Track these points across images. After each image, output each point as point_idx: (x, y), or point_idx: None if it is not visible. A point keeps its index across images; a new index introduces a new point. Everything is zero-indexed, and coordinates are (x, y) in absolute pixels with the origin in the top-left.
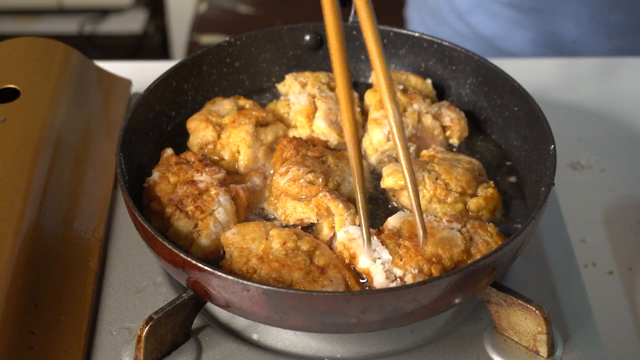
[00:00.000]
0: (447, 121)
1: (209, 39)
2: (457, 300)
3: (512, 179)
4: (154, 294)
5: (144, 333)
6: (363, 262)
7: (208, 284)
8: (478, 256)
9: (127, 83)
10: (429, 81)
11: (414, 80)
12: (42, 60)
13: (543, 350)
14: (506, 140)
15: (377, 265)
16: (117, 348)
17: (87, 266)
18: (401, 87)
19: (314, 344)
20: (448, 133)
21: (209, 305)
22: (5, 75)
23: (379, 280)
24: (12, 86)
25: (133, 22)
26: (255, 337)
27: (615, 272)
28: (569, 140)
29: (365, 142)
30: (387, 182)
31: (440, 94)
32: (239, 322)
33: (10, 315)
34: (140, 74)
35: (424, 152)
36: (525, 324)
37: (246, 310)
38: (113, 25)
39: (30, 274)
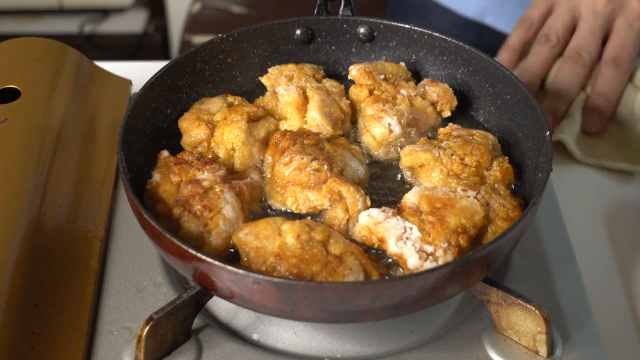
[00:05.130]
0: (434, 97)
1: (201, 39)
2: (468, 284)
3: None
4: (155, 294)
5: (144, 333)
6: (393, 246)
7: (218, 278)
8: (497, 220)
9: (127, 83)
10: (402, 64)
11: (389, 67)
12: (42, 60)
13: (543, 350)
14: (499, 129)
15: (409, 247)
16: (118, 348)
17: (87, 266)
18: (382, 76)
19: (314, 344)
20: (439, 108)
21: (210, 305)
22: (5, 76)
23: (413, 261)
24: (13, 86)
25: (133, 22)
26: (255, 337)
27: (615, 272)
28: None
29: (368, 139)
30: (405, 162)
31: None
32: (239, 322)
33: (11, 315)
34: (140, 74)
35: (441, 130)
36: (525, 324)
37: (256, 303)
38: (113, 25)
39: (31, 274)
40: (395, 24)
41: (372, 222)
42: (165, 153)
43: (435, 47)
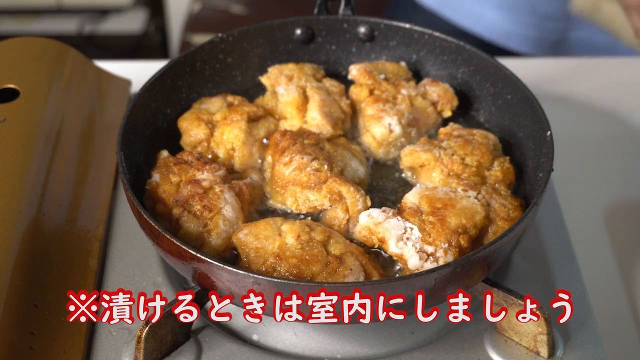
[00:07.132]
0: (434, 97)
1: (201, 39)
2: (469, 284)
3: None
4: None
5: (144, 334)
6: (394, 246)
7: (217, 278)
8: (497, 220)
9: (127, 83)
10: (402, 64)
11: (390, 66)
12: (41, 60)
13: (544, 351)
14: (500, 129)
15: (409, 247)
16: (117, 348)
17: (86, 266)
18: (383, 76)
19: (314, 344)
20: (439, 108)
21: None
22: (4, 75)
23: (414, 261)
24: (12, 86)
25: (133, 22)
26: (255, 337)
27: (615, 272)
28: (569, 139)
29: (368, 139)
30: (405, 162)
31: None
32: (239, 323)
33: (10, 316)
34: (140, 74)
35: (442, 129)
36: (525, 325)
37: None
38: (113, 25)
39: (30, 274)
40: (395, 23)
41: (373, 222)
42: (164, 153)
43: (436, 46)
